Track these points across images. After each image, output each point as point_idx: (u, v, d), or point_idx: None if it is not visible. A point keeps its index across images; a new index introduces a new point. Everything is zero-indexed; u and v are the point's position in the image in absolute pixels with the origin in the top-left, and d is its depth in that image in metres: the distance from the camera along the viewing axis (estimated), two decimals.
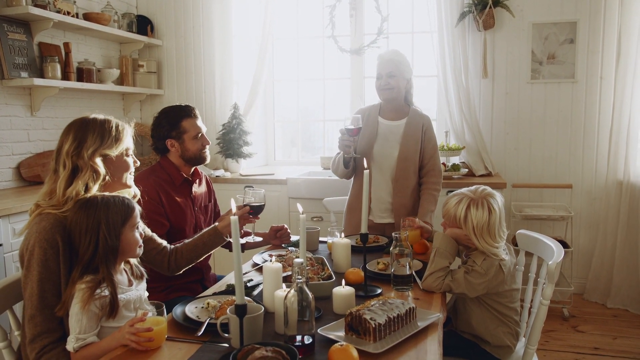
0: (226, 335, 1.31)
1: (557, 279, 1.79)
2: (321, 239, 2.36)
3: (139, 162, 1.70)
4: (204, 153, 2.22)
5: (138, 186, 1.72)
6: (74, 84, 3.44)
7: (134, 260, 1.56)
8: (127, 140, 1.62)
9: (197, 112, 2.22)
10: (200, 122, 2.20)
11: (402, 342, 1.32)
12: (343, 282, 1.57)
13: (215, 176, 3.80)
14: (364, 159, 1.96)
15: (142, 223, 1.60)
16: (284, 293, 1.35)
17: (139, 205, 1.55)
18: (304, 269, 1.29)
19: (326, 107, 4.46)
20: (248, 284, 1.75)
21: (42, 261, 1.40)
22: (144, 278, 1.58)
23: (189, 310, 1.51)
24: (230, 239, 1.81)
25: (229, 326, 1.31)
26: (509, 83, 3.82)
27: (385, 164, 2.53)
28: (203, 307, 1.54)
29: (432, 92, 4.08)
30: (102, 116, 1.60)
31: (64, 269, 1.42)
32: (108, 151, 1.55)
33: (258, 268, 1.98)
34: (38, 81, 3.15)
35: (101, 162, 1.53)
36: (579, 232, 3.80)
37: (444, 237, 1.81)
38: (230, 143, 3.95)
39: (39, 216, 1.45)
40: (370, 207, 2.55)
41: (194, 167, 2.26)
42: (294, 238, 2.32)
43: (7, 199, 2.78)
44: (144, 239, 1.58)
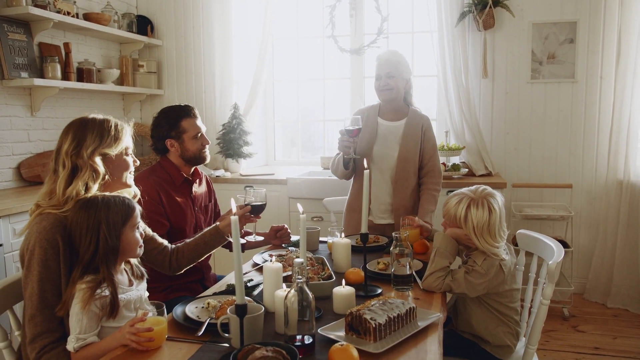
0: (226, 335, 1.31)
1: (557, 278, 1.79)
2: (321, 238, 2.36)
3: (139, 162, 1.70)
4: (204, 153, 2.22)
5: (138, 186, 1.72)
6: (74, 84, 3.44)
7: (134, 260, 1.56)
8: (127, 140, 1.62)
9: (197, 111, 2.22)
10: (199, 122, 2.20)
11: (402, 342, 1.32)
12: (343, 282, 1.57)
13: (216, 176, 3.80)
14: (364, 160, 1.96)
15: (143, 223, 1.60)
16: (284, 293, 1.35)
17: (139, 205, 1.55)
18: (304, 268, 1.29)
19: (326, 107, 4.46)
20: (248, 284, 1.75)
21: (43, 261, 1.40)
22: (144, 278, 1.58)
23: (189, 310, 1.51)
24: (231, 238, 1.81)
25: (229, 326, 1.31)
26: (509, 83, 3.82)
27: (385, 165, 2.53)
28: (203, 307, 1.54)
29: (432, 92, 4.08)
30: (101, 116, 1.60)
31: (65, 269, 1.42)
32: (107, 150, 1.55)
33: (258, 268, 1.98)
34: (38, 81, 3.15)
35: (101, 162, 1.54)
36: (579, 232, 3.80)
37: (444, 237, 1.81)
38: (231, 143, 3.95)
39: (39, 216, 1.45)
40: (370, 208, 2.55)
41: (194, 167, 2.26)
42: (294, 238, 2.32)
43: (7, 199, 2.78)
44: (144, 239, 1.58)
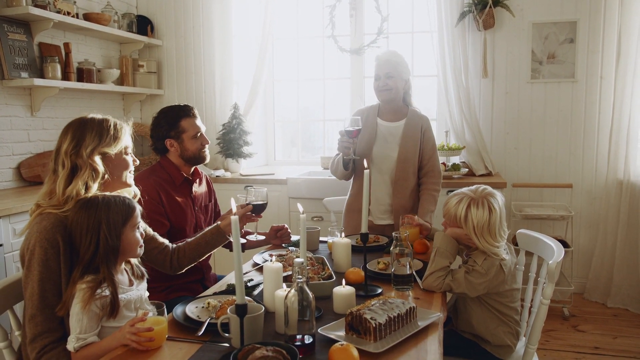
0: (227, 335, 1.31)
1: (558, 278, 1.79)
2: (321, 238, 2.36)
3: (139, 161, 1.70)
4: (204, 152, 2.21)
5: (138, 186, 1.72)
6: (74, 84, 3.44)
7: (134, 260, 1.56)
8: (126, 139, 1.62)
9: (196, 111, 2.22)
10: (199, 122, 2.20)
11: (402, 341, 1.32)
12: (343, 282, 1.57)
13: (216, 176, 3.80)
14: (363, 160, 1.96)
15: (143, 223, 1.60)
16: (284, 293, 1.35)
17: (139, 204, 1.55)
18: (304, 268, 1.29)
19: (326, 107, 4.46)
20: (248, 284, 1.75)
21: (43, 261, 1.40)
22: (144, 278, 1.58)
23: (189, 310, 1.51)
24: (232, 238, 1.81)
25: (229, 326, 1.31)
26: (509, 83, 3.82)
27: (385, 166, 2.53)
28: (203, 306, 1.54)
29: (432, 92, 4.08)
30: (100, 116, 1.60)
31: (65, 269, 1.42)
32: (107, 149, 1.55)
33: (258, 268, 1.98)
34: (38, 81, 3.15)
35: (100, 161, 1.54)
36: (579, 232, 3.80)
37: (444, 237, 1.81)
38: (231, 143, 3.95)
39: (39, 216, 1.45)
40: (370, 209, 2.54)
41: (194, 167, 2.26)
42: (294, 238, 2.31)
43: (8, 199, 2.78)
44: (145, 239, 1.58)
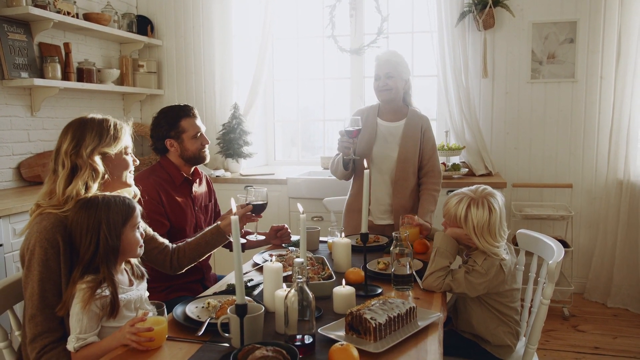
0: (227, 335, 1.31)
1: (557, 278, 1.79)
2: (321, 238, 2.36)
3: (138, 161, 1.70)
4: (204, 152, 2.21)
5: (138, 186, 1.73)
6: (74, 84, 3.44)
7: (134, 260, 1.56)
8: (126, 139, 1.62)
9: (196, 111, 2.21)
10: (199, 122, 2.20)
11: (402, 341, 1.32)
12: (343, 282, 1.57)
13: (216, 176, 3.80)
14: (364, 160, 1.96)
15: (143, 223, 1.60)
16: (284, 293, 1.35)
17: (139, 205, 1.55)
18: (304, 268, 1.29)
19: (326, 106, 4.46)
20: (248, 284, 1.75)
21: (43, 261, 1.40)
22: (144, 278, 1.58)
23: (189, 310, 1.51)
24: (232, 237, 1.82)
25: (229, 326, 1.31)
26: (509, 83, 3.82)
27: (385, 166, 2.53)
28: (203, 306, 1.54)
29: (432, 91, 4.08)
30: (100, 116, 1.60)
31: (65, 269, 1.42)
32: (107, 149, 1.55)
33: (258, 268, 1.98)
34: (38, 81, 3.15)
35: (100, 161, 1.54)
36: (579, 232, 3.80)
37: (444, 237, 1.80)
38: (231, 143, 3.95)
39: (39, 216, 1.45)
40: (370, 209, 2.54)
41: (194, 167, 2.26)
42: (294, 238, 2.31)
43: (8, 199, 2.78)
44: (145, 239, 1.58)
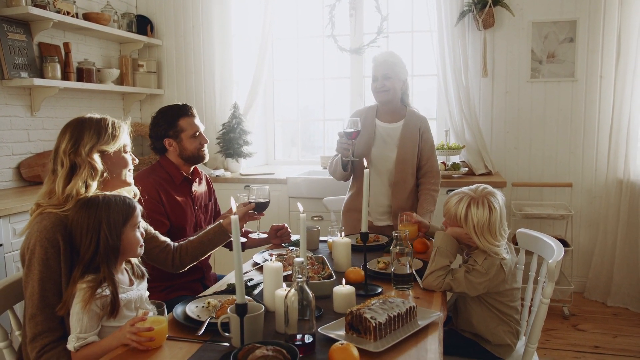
0: (227, 334, 1.31)
1: (557, 277, 1.79)
2: (321, 238, 2.36)
3: (138, 160, 1.70)
4: (203, 152, 2.21)
5: (137, 186, 1.73)
6: (73, 84, 3.44)
7: (135, 260, 1.56)
8: (124, 137, 1.62)
9: (195, 110, 2.21)
10: (197, 121, 2.20)
11: (402, 341, 1.32)
12: (343, 281, 1.57)
13: (216, 176, 3.80)
14: (363, 159, 1.96)
15: (144, 222, 1.60)
16: (284, 292, 1.35)
17: (140, 204, 1.56)
18: (304, 268, 1.29)
19: (326, 106, 4.46)
20: (248, 283, 1.75)
21: (43, 260, 1.40)
22: (145, 277, 1.58)
23: (189, 310, 1.51)
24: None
25: (229, 325, 1.31)
26: (509, 82, 3.82)
27: (383, 167, 2.52)
28: (204, 306, 1.54)
29: (432, 91, 4.07)
30: (98, 115, 1.61)
31: (65, 268, 1.42)
32: (105, 147, 1.55)
33: (258, 267, 1.98)
34: (38, 81, 3.15)
35: (99, 159, 1.54)
36: (579, 231, 3.80)
37: (444, 236, 1.80)
38: (230, 142, 3.95)
39: (40, 215, 1.46)
40: (369, 210, 2.54)
41: (194, 166, 2.26)
42: (294, 237, 2.31)
43: (8, 199, 2.78)
44: (146, 238, 1.58)
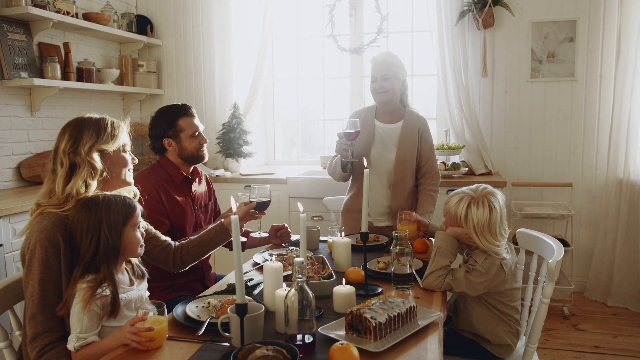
0: (227, 334, 1.31)
1: (558, 277, 1.79)
2: (321, 238, 2.36)
3: (137, 160, 1.70)
4: (202, 151, 2.21)
5: (137, 186, 1.73)
6: (73, 84, 3.44)
7: (135, 260, 1.56)
8: (124, 137, 1.63)
9: (194, 110, 2.21)
10: (197, 121, 2.20)
11: (402, 340, 1.32)
12: (343, 281, 1.57)
13: (216, 176, 3.80)
14: (363, 159, 1.96)
15: (144, 222, 1.60)
16: (284, 292, 1.35)
17: (140, 204, 1.56)
18: (304, 268, 1.29)
19: (326, 106, 4.46)
20: (248, 283, 1.75)
21: (43, 260, 1.40)
22: (145, 277, 1.58)
23: (189, 310, 1.51)
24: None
25: (229, 325, 1.31)
26: (509, 82, 3.82)
27: (383, 168, 2.52)
28: (204, 306, 1.54)
29: (432, 91, 4.07)
30: (97, 115, 1.61)
31: (65, 268, 1.42)
32: (105, 146, 1.56)
33: (258, 267, 1.98)
34: (38, 81, 3.15)
35: (98, 158, 1.54)
36: (579, 231, 3.80)
37: (445, 236, 1.81)
38: (230, 142, 3.95)
39: (40, 215, 1.46)
40: (368, 211, 2.54)
41: (193, 166, 2.26)
42: (294, 237, 2.31)
43: (8, 199, 2.78)
44: (147, 237, 1.58)
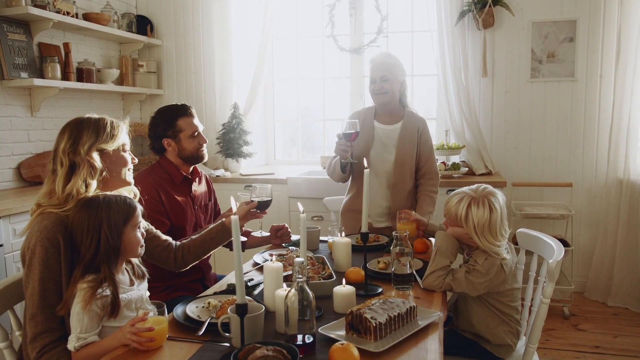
0: (227, 334, 1.31)
1: (558, 277, 1.79)
2: (322, 238, 2.36)
3: (137, 160, 1.70)
4: (201, 151, 2.21)
5: (137, 186, 1.73)
6: (73, 84, 3.44)
7: (135, 260, 1.56)
8: (123, 136, 1.63)
9: (193, 110, 2.21)
10: (196, 121, 2.19)
11: (402, 341, 1.32)
12: (343, 281, 1.57)
13: (216, 176, 3.80)
14: (364, 159, 1.96)
15: (145, 222, 1.60)
16: (284, 292, 1.35)
17: (140, 204, 1.56)
18: (304, 268, 1.29)
19: (326, 106, 4.46)
20: (249, 284, 1.75)
21: (44, 260, 1.40)
22: (145, 278, 1.58)
23: (189, 310, 1.51)
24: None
25: (229, 326, 1.32)
26: (509, 82, 3.82)
27: (382, 169, 2.52)
28: (204, 306, 1.54)
29: (432, 91, 4.07)
30: (96, 115, 1.61)
31: (65, 268, 1.42)
32: (104, 146, 1.56)
33: (259, 267, 1.98)
34: (38, 81, 3.15)
35: (98, 157, 1.54)
36: (579, 231, 3.80)
37: (445, 236, 1.81)
38: (230, 143, 3.95)
39: (40, 215, 1.46)
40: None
41: (193, 166, 2.25)
42: (294, 237, 2.31)
43: (8, 199, 2.78)
44: (147, 237, 1.58)
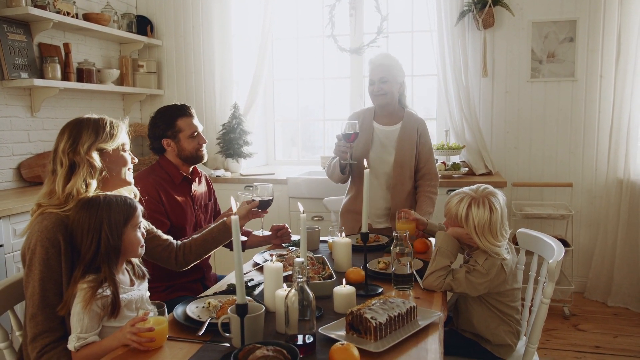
0: (227, 334, 1.31)
1: (558, 277, 1.79)
2: (322, 238, 2.36)
3: (137, 160, 1.70)
4: (201, 152, 2.21)
5: (137, 186, 1.73)
6: (74, 85, 3.44)
7: (136, 260, 1.56)
8: (122, 136, 1.63)
9: (193, 110, 2.21)
10: (196, 121, 2.19)
11: (403, 341, 1.32)
12: (344, 282, 1.57)
13: (216, 176, 3.80)
14: (364, 160, 1.96)
15: (145, 221, 1.60)
16: (284, 292, 1.35)
17: (140, 204, 1.56)
18: (304, 268, 1.29)
19: (326, 106, 4.46)
20: (249, 284, 1.75)
21: (44, 260, 1.40)
22: (145, 278, 1.59)
23: (190, 310, 1.51)
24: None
25: (230, 326, 1.31)
26: (509, 82, 3.82)
27: (381, 170, 2.52)
28: (204, 306, 1.54)
29: (432, 91, 4.07)
30: (95, 115, 1.62)
31: (66, 268, 1.42)
32: (104, 145, 1.56)
33: (259, 268, 1.98)
34: (38, 82, 3.15)
35: (98, 157, 1.54)
36: (580, 231, 3.80)
37: (445, 236, 1.81)
38: (231, 143, 3.95)
39: (40, 215, 1.46)
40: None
41: (193, 166, 2.26)
42: (294, 237, 2.31)
43: (8, 199, 2.78)
44: (148, 237, 1.58)
